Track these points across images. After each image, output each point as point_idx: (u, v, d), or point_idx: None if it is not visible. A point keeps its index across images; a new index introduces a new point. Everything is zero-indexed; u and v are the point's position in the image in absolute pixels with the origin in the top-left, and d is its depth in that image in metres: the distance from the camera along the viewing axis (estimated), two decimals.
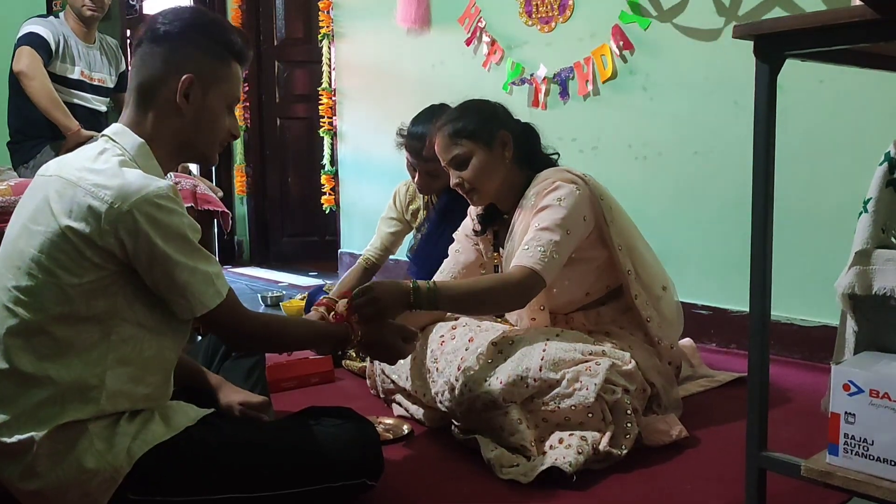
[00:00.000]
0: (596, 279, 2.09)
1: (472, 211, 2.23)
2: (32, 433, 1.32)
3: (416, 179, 2.66)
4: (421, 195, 2.87)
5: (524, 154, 2.09)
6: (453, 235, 2.35)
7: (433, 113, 2.48)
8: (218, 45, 1.49)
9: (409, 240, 2.97)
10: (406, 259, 3.01)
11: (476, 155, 2.02)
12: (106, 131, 1.47)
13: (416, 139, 2.56)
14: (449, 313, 2.28)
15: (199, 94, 1.47)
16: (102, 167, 1.36)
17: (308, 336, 1.71)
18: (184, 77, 1.44)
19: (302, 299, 3.54)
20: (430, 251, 2.70)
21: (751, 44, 1.35)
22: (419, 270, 2.70)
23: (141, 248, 1.33)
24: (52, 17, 3.55)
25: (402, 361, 2.13)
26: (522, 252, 1.89)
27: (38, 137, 3.38)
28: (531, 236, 1.91)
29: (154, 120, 1.47)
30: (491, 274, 2.20)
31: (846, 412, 1.27)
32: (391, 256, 2.98)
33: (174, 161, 1.53)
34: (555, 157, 2.17)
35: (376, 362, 2.29)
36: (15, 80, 3.34)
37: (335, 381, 2.46)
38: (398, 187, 2.96)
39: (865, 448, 1.25)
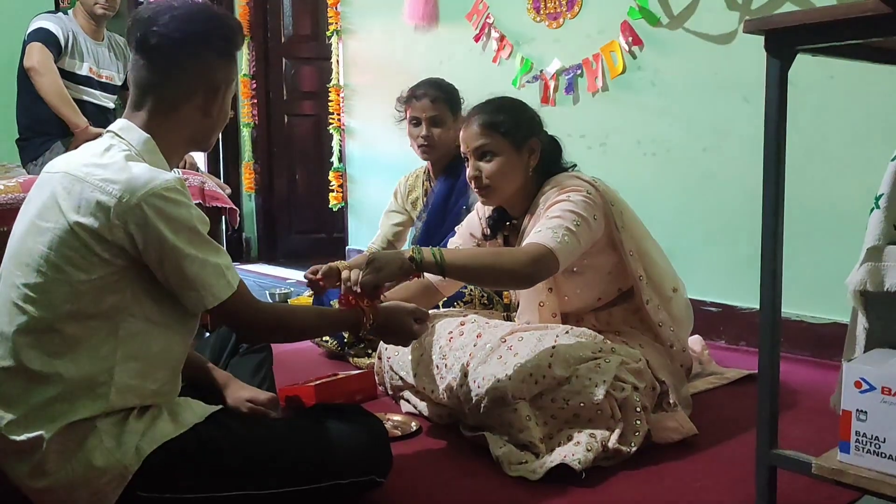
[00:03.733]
0: (607, 284, 2.09)
1: (481, 211, 2.21)
2: (42, 431, 1.32)
3: (418, 137, 2.77)
4: (420, 186, 2.94)
5: (545, 165, 2.07)
6: (455, 229, 2.35)
7: (431, 79, 2.85)
8: (227, 45, 1.52)
9: (412, 234, 2.99)
10: None
11: (502, 153, 2.00)
12: (111, 127, 1.48)
13: (417, 89, 2.80)
14: (453, 310, 2.28)
15: (220, 97, 1.52)
16: (109, 162, 1.37)
17: (320, 323, 1.71)
18: (214, 88, 1.49)
19: (310, 296, 3.54)
20: (430, 242, 2.75)
21: (761, 39, 1.34)
22: None
23: (151, 241, 1.33)
24: (60, 14, 3.56)
25: (409, 358, 2.13)
26: (535, 234, 1.87)
27: (46, 134, 3.39)
28: (542, 223, 1.90)
29: (172, 121, 1.48)
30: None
31: (858, 409, 1.26)
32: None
33: (180, 154, 1.55)
34: (571, 169, 2.14)
35: (384, 359, 2.28)
36: (24, 77, 3.35)
37: (378, 398, 2.34)
38: (398, 182, 3.04)
39: (877, 446, 1.24)
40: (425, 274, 1.86)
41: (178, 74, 1.47)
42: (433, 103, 2.76)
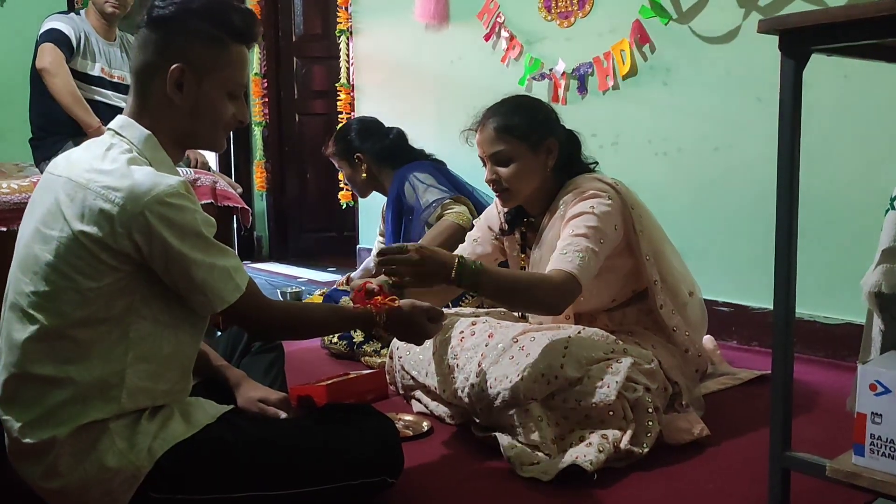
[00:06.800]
0: (623, 286, 2.08)
1: (500, 206, 2.20)
2: (54, 433, 1.32)
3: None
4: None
5: (564, 162, 2.06)
6: (473, 222, 2.37)
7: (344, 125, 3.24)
8: (215, 28, 1.43)
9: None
10: None
11: (519, 157, 1.98)
12: (111, 125, 1.45)
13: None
14: (464, 310, 2.28)
15: (193, 83, 1.42)
16: (111, 167, 1.34)
17: (331, 320, 1.69)
18: (173, 67, 1.40)
19: (321, 294, 3.55)
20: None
21: (774, 38, 1.32)
22: None
23: (156, 248, 1.32)
24: (72, 14, 3.57)
25: (421, 357, 2.13)
26: (560, 257, 1.86)
27: (59, 134, 3.40)
28: (567, 242, 1.88)
29: (153, 109, 1.44)
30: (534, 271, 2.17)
31: (872, 412, 1.25)
32: None
33: (180, 150, 1.50)
34: (593, 165, 2.13)
35: (395, 359, 2.29)
36: (37, 77, 3.36)
37: (390, 397, 2.31)
38: None
39: (892, 449, 1.23)
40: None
41: (150, 47, 1.42)
42: (333, 159, 3.15)
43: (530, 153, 1.99)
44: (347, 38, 4.68)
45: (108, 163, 1.36)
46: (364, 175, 3.04)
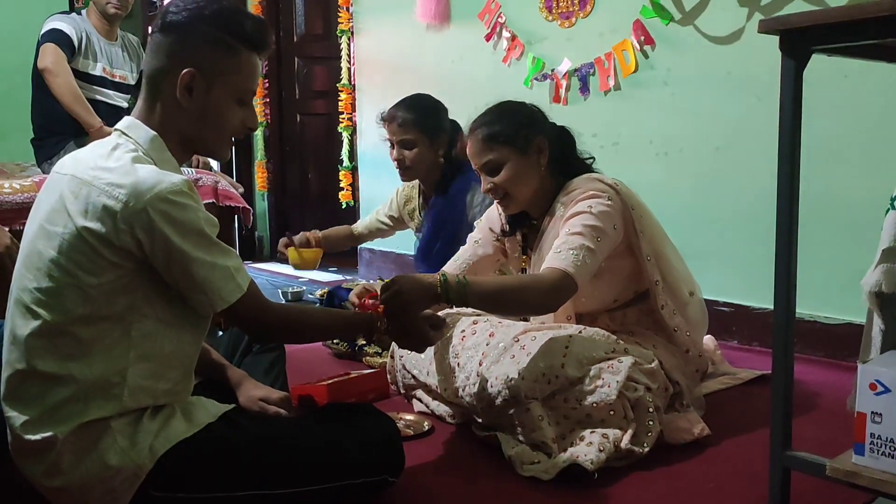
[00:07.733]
0: (624, 287, 2.09)
1: (500, 210, 2.20)
2: (56, 431, 1.33)
3: (394, 158, 2.77)
4: (416, 197, 2.98)
5: (558, 160, 2.06)
6: (474, 224, 2.37)
7: (408, 98, 2.80)
8: (227, 34, 1.44)
9: (414, 240, 3.04)
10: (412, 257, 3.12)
11: (510, 161, 1.99)
12: (119, 125, 1.46)
13: (389, 111, 2.77)
14: (466, 310, 2.28)
15: (203, 88, 1.43)
16: (115, 165, 1.35)
17: (332, 325, 1.69)
18: (184, 71, 1.41)
19: (322, 294, 3.56)
20: (429, 256, 2.81)
21: (775, 38, 1.33)
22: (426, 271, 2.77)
23: (157, 245, 1.32)
24: (74, 14, 3.58)
25: (422, 357, 2.13)
26: (554, 255, 1.87)
27: (61, 134, 3.41)
28: (562, 240, 1.89)
29: (161, 113, 1.45)
30: (522, 274, 2.18)
31: (872, 412, 1.25)
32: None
33: (186, 153, 1.51)
34: (590, 161, 2.14)
35: (396, 358, 2.29)
36: (39, 77, 3.37)
37: (391, 397, 2.33)
38: (397, 188, 3.06)
39: (892, 448, 1.24)
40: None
41: (162, 51, 1.44)
42: (401, 127, 2.72)
43: (520, 155, 2.00)
44: (349, 39, 4.69)
45: (112, 161, 1.37)
46: (441, 160, 2.76)
